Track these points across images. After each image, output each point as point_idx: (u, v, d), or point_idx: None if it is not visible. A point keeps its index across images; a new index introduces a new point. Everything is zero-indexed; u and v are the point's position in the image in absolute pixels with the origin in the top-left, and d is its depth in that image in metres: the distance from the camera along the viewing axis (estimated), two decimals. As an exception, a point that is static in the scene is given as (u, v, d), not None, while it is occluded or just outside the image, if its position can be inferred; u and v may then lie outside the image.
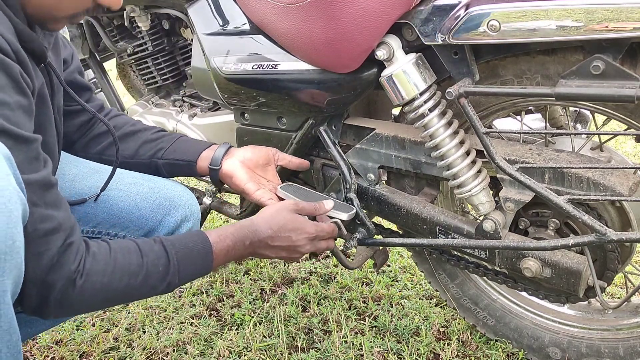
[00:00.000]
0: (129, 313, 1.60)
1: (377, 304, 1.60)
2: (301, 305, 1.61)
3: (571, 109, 1.32)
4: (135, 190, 1.14)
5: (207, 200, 1.55)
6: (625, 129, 1.10)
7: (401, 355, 1.40)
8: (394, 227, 1.39)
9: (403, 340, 1.46)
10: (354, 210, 1.17)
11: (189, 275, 0.95)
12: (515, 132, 1.23)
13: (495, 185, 1.14)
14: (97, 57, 1.77)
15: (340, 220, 1.15)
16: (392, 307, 1.59)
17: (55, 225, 0.80)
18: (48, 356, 1.45)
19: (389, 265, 1.78)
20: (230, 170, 1.18)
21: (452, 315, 1.53)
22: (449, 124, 1.09)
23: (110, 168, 1.09)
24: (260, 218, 1.05)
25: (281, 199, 1.18)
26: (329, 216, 1.16)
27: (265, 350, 1.44)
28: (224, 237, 0.99)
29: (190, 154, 1.20)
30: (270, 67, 1.18)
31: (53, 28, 0.92)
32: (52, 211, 0.80)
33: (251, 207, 1.43)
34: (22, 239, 0.72)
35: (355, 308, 1.59)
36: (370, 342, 1.44)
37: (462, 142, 1.09)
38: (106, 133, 1.21)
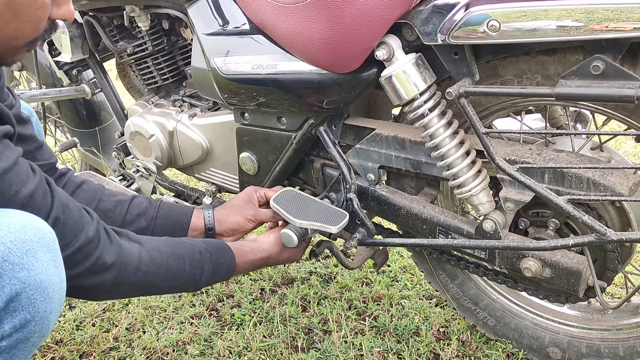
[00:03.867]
0: (129, 313, 1.60)
1: (377, 304, 1.60)
2: (301, 305, 1.61)
3: (571, 109, 1.32)
4: None
5: (207, 201, 1.55)
6: (625, 129, 1.10)
7: (401, 355, 1.40)
8: (394, 227, 1.39)
9: (403, 340, 1.46)
10: (345, 220, 1.16)
11: (211, 279, 1.08)
12: (515, 132, 1.22)
13: (495, 185, 1.14)
14: (97, 57, 1.77)
15: (330, 233, 1.19)
16: (392, 307, 1.59)
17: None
18: (48, 356, 1.45)
19: (389, 265, 1.78)
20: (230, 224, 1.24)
21: (452, 315, 1.53)
22: (449, 124, 1.09)
23: None
24: (268, 244, 1.18)
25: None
26: (318, 230, 1.16)
27: (265, 350, 1.44)
28: (245, 260, 1.12)
29: (179, 231, 1.20)
30: (270, 67, 1.18)
31: (12, 61, 0.86)
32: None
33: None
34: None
35: (355, 308, 1.59)
36: (370, 342, 1.44)
37: (462, 142, 1.09)
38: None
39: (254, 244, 1.17)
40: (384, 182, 1.27)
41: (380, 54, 1.05)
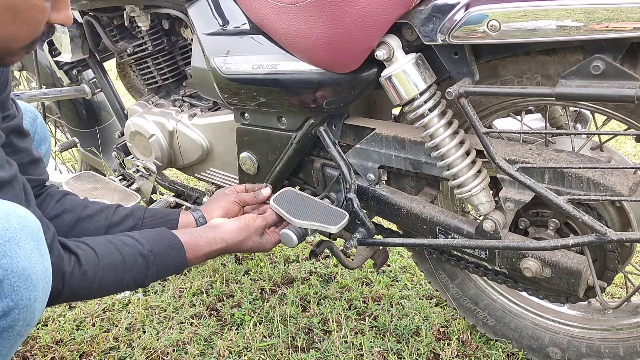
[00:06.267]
0: (129, 313, 1.60)
1: (377, 304, 1.60)
2: (301, 305, 1.61)
3: (571, 109, 1.32)
4: None
5: (206, 201, 1.55)
6: (625, 129, 1.10)
7: (401, 355, 1.40)
8: (394, 227, 1.39)
9: (403, 340, 1.46)
10: (345, 220, 1.15)
11: (158, 278, 1.05)
12: (515, 132, 1.22)
13: (495, 185, 1.14)
14: (97, 57, 1.77)
15: (330, 233, 1.18)
16: (392, 307, 1.59)
17: None
18: (48, 356, 1.45)
19: (389, 265, 1.78)
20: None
21: (452, 315, 1.53)
22: (449, 124, 1.09)
23: None
24: (228, 233, 1.12)
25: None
26: (318, 230, 1.16)
27: (265, 350, 1.44)
28: (199, 255, 1.08)
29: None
30: (270, 67, 1.18)
31: (10, 62, 0.87)
32: None
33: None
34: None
35: (355, 308, 1.59)
36: (370, 342, 1.44)
37: (462, 142, 1.09)
38: (60, 216, 1.12)
39: (213, 232, 1.11)
40: (384, 182, 1.27)
41: (381, 53, 1.05)
